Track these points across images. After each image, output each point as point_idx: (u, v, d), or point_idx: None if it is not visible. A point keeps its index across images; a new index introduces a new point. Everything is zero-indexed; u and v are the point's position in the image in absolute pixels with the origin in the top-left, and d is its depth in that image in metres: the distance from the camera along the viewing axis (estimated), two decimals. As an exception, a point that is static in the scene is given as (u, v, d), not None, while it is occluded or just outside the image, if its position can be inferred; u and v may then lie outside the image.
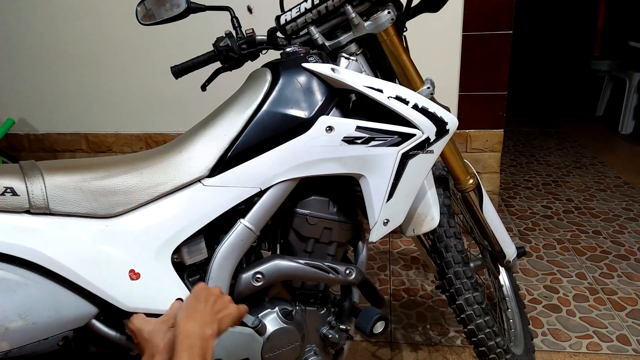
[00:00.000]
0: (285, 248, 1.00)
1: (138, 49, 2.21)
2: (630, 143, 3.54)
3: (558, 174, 3.02)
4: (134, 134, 2.36)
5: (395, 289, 1.92)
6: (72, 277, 0.72)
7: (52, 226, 0.74)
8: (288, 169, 0.90)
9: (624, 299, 1.79)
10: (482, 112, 2.14)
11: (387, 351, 1.60)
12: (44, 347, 0.70)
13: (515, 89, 5.11)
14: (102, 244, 0.77)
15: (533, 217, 2.47)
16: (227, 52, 1.02)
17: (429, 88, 1.06)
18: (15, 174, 0.74)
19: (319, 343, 1.07)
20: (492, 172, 2.25)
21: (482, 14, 1.99)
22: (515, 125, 4.16)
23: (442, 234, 1.20)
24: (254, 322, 0.91)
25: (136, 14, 1.04)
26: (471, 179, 1.23)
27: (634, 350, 1.54)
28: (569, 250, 2.14)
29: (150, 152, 0.90)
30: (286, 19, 1.04)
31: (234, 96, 0.95)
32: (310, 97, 0.91)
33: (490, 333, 1.21)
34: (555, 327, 1.67)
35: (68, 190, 0.76)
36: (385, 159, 0.93)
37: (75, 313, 0.73)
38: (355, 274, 1.00)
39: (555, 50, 6.00)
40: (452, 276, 1.19)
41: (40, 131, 2.43)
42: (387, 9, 1.01)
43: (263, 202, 0.90)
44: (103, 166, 0.83)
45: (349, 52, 1.03)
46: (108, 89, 2.30)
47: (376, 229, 0.96)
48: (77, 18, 2.19)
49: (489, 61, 2.06)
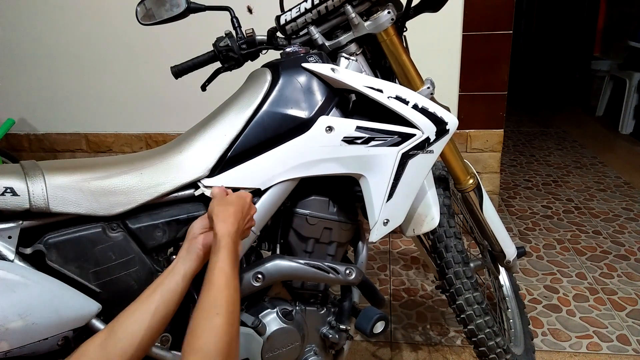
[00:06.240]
0: (285, 248, 1.00)
1: (138, 49, 2.21)
2: (630, 143, 3.54)
3: (558, 174, 3.02)
4: (134, 134, 2.36)
5: (395, 289, 1.92)
6: None
7: None
8: (288, 169, 0.89)
9: (624, 299, 1.79)
10: (482, 112, 2.14)
11: (387, 351, 1.59)
12: (44, 347, 0.70)
13: (516, 89, 5.11)
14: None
15: (533, 217, 2.47)
16: (227, 52, 1.02)
17: (429, 88, 1.06)
18: (17, 174, 0.74)
19: (319, 343, 1.07)
20: (492, 172, 2.25)
21: (482, 14, 1.99)
22: (515, 125, 4.16)
23: (442, 234, 1.20)
24: (254, 322, 0.91)
25: (136, 14, 1.04)
26: (471, 179, 1.22)
27: (634, 350, 1.54)
28: (569, 250, 2.14)
29: (150, 152, 0.90)
30: (286, 19, 1.04)
31: (234, 96, 0.95)
32: (310, 97, 0.91)
33: (490, 333, 1.21)
34: (555, 327, 1.67)
35: (68, 190, 0.76)
36: (385, 159, 0.93)
37: (75, 313, 0.73)
38: (355, 274, 1.00)
39: (555, 50, 6.00)
40: (452, 276, 1.19)
41: (40, 131, 2.43)
42: (387, 9, 1.01)
43: (263, 202, 0.90)
44: (103, 166, 0.83)
45: (349, 52, 1.03)
46: (108, 89, 2.30)
47: (376, 229, 0.96)
48: (77, 18, 2.19)
49: (489, 61, 2.06)
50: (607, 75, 4.07)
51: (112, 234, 0.80)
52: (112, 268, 0.80)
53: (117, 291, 0.81)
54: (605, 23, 4.74)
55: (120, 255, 0.80)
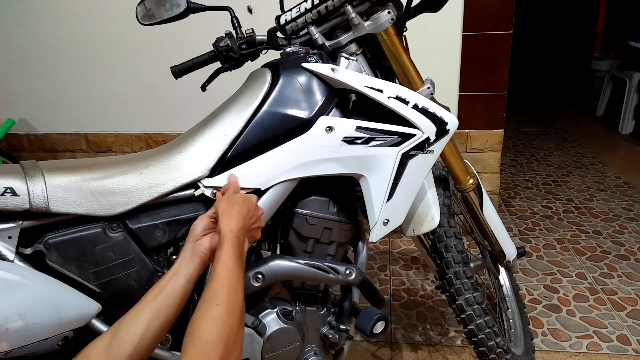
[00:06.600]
0: (285, 248, 1.00)
1: (138, 49, 2.20)
2: (630, 143, 3.54)
3: (558, 174, 3.02)
4: (134, 134, 2.36)
5: (395, 289, 1.92)
6: None
7: None
8: (288, 169, 0.89)
9: (624, 299, 1.79)
10: (482, 112, 2.13)
11: (387, 351, 1.59)
12: (44, 347, 0.70)
13: (516, 89, 5.11)
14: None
15: (533, 217, 2.47)
16: (227, 52, 1.02)
17: (429, 88, 1.06)
18: (17, 174, 0.74)
19: (319, 343, 1.07)
20: (492, 172, 2.25)
21: (482, 14, 1.99)
22: (515, 125, 4.16)
23: (442, 234, 1.20)
24: (254, 322, 0.91)
25: (136, 14, 1.04)
26: (471, 179, 1.22)
27: (634, 350, 1.54)
28: (569, 250, 2.14)
29: (150, 152, 0.90)
30: (286, 19, 1.04)
31: (234, 96, 0.95)
32: (310, 97, 0.91)
33: (490, 333, 1.21)
34: (555, 327, 1.67)
35: (68, 191, 0.76)
36: (385, 159, 0.93)
37: (75, 313, 0.73)
38: (355, 274, 1.00)
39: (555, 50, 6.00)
40: (452, 276, 1.19)
41: (40, 131, 2.43)
42: (387, 9, 1.01)
43: (263, 203, 0.90)
44: (103, 166, 0.83)
45: (349, 52, 1.03)
46: (108, 89, 2.30)
47: (376, 229, 0.96)
48: (78, 18, 2.19)
49: (489, 61, 2.05)
50: (607, 75, 4.07)
51: (112, 234, 0.80)
52: (112, 268, 0.80)
53: (117, 291, 0.81)
54: (605, 23, 4.74)
55: (120, 256, 0.81)
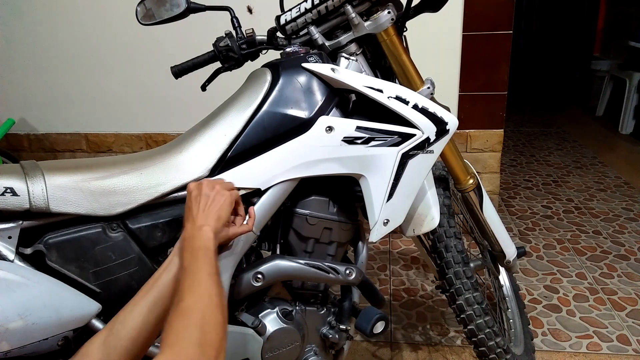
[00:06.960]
0: (285, 248, 1.00)
1: (138, 49, 2.21)
2: (630, 143, 3.54)
3: (558, 174, 3.02)
4: (134, 134, 2.36)
5: (395, 289, 1.92)
6: None
7: None
8: (288, 169, 0.89)
9: (624, 299, 1.79)
10: (482, 112, 2.14)
11: (387, 351, 1.59)
12: (44, 347, 0.70)
13: (516, 89, 5.11)
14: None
15: (533, 217, 2.47)
16: (227, 52, 1.02)
17: (429, 88, 1.06)
18: (17, 174, 0.74)
19: (319, 343, 1.07)
20: (492, 172, 2.25)
21: (482, 14, 1.99)
22: (515, 125, 4.16)
23: (442, 234, 1.20)
24: (254, 322, 0.91)
25: (136, 14, 1.04)
26: (471, 179, 1.22)
27: (634, 350, 1.54)
28: (569, 250, 2.14)
29: (150, 152, 0.90)
30: (286, 19, 1.04)
31: (234, 96, 0.95)
32: (310, 97, 0.91)
33: (490, 333, 1.21)
34: (555, 327, 1.67)
35: (68, 191, 0.76)
36: (385, 159, 0.93)
37: (75, 313, 0.73)
38: (355, 274, 1.00)
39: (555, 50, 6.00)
40: (452, 276, 1.19)
41: (40, 131, 2.43)
42: (387, 9, 1.01)
43: (263, 202, 0.90)
44: (103, 166, 0.83)
45: (349, 52, 1.03)
46: (108, 89, 2.30)
47: (376, 229, 0.96)
48: (77, 18, 2.19)
49: (489, 61, 2.06)
50: (607, 75, 4.07)
51: (112, 234, 0.80)
52: (112, 268, 0.80)
53: (117, 291, 0.81)
54: (605, 23, 4.74)
55: (120, 255, 0.81)
